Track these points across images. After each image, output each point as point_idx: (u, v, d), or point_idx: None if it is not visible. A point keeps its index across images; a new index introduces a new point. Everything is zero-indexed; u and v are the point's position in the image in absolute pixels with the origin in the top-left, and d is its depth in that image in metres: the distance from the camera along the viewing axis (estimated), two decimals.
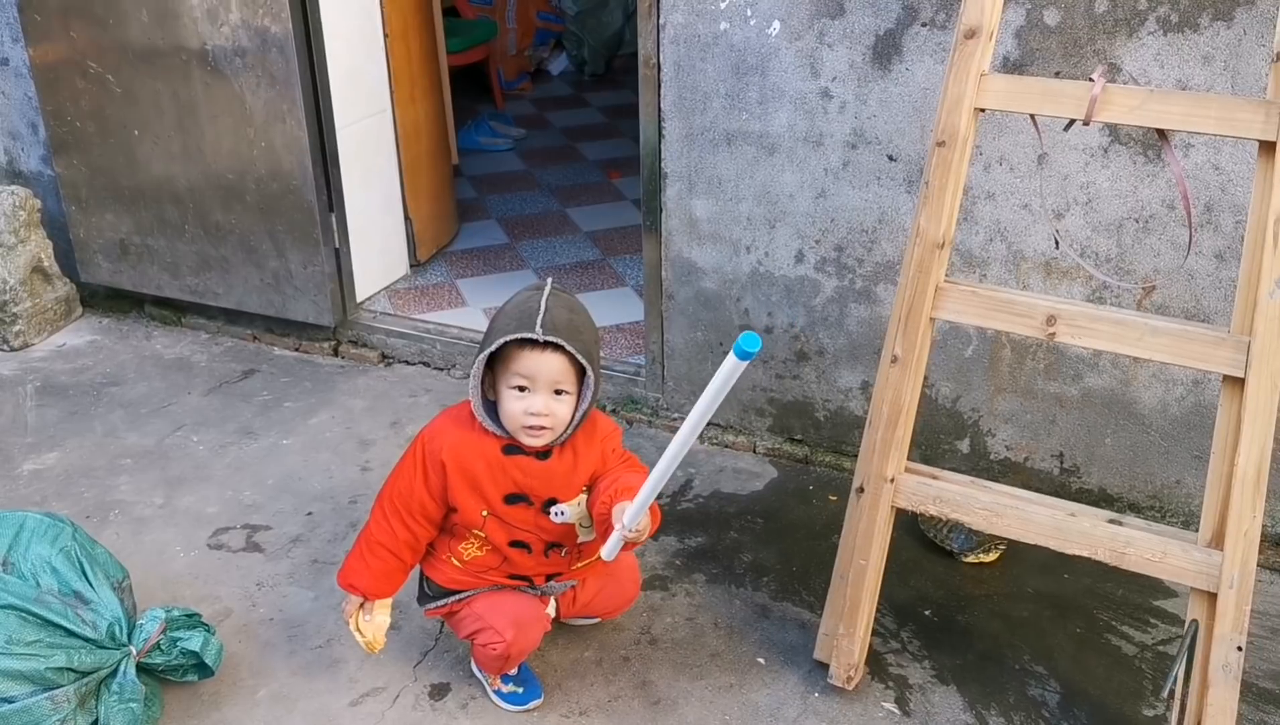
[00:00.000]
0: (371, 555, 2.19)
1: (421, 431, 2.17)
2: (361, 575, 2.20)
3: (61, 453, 3.19)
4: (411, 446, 2.17)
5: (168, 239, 3.71)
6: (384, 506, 2.18)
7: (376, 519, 2.19)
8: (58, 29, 3.53)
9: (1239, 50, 2.36)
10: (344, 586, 2.23)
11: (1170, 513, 2.79)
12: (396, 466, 2.19)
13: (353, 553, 2.22)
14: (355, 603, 2.23)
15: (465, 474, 2.10)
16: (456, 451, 2.10)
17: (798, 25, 2.72)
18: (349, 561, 2.22)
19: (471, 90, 5.90)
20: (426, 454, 2.12)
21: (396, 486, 2.16)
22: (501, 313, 2.05)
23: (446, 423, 2.16)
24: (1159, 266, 2.59)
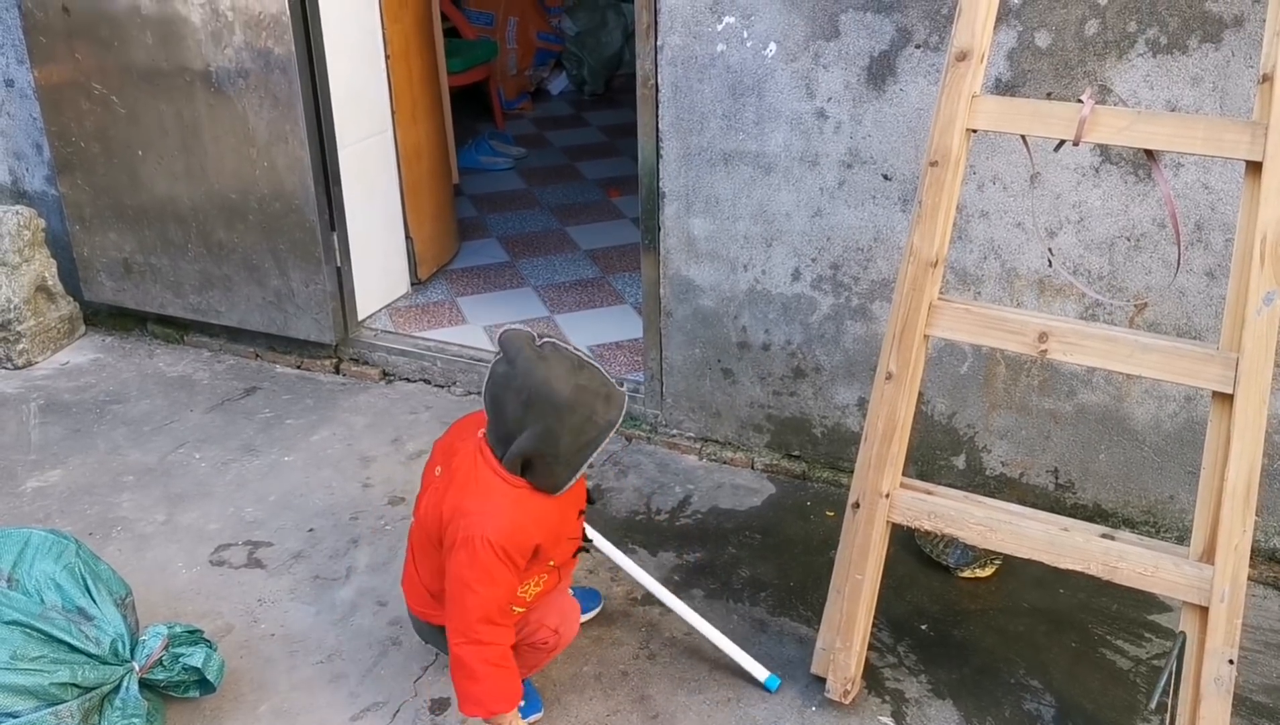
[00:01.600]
0: (505, 669, 2.10)
1: (479, 540, 2.01)
2: (513, 689, 2.12)
3: (65, 470, 3.22)
4: (478, 561, 2.02)
5: (171, 258, 3.74)
6: (487, 626, 2.05)
7: (486, 640, 2.06)
8: (63, 51, 3.57)
9: (1227, 71, 2.39)
10: (517, 702, 2.14)
11: (1164, 528, 2.81)
12: (469, 584, 2.03)
13: (498, 677, 2.08)
14: (511, 718, 2.15)
15: (548, 536, 2.12)
16: (541, 525, 2.08)
17: (793, 47, 2.76)
18: (504, 682, 2.09)
19: (472, 109, 5.95)
20: (512, 553, 2.04)
21: (490, 600, 2.04)
22: (572, 399, 1.99)
23: (504, 519, 2.04)
24: (1150, 284, 2.62)
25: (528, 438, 2.01)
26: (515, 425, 2.02)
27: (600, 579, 2.75)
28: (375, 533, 2.94)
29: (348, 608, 2.68)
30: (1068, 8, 2.47)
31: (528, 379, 1.99)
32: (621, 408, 2.04)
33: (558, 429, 1.99)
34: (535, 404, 1.98)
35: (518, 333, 2.05)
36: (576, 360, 2.03)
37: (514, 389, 2.00)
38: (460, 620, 2.06)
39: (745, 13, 2.77)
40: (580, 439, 2.01)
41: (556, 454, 2.02)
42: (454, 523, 2.05)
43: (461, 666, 2.07)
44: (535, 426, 2.00)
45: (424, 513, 2.16)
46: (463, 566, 2.03)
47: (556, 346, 2.04)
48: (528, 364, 1.99)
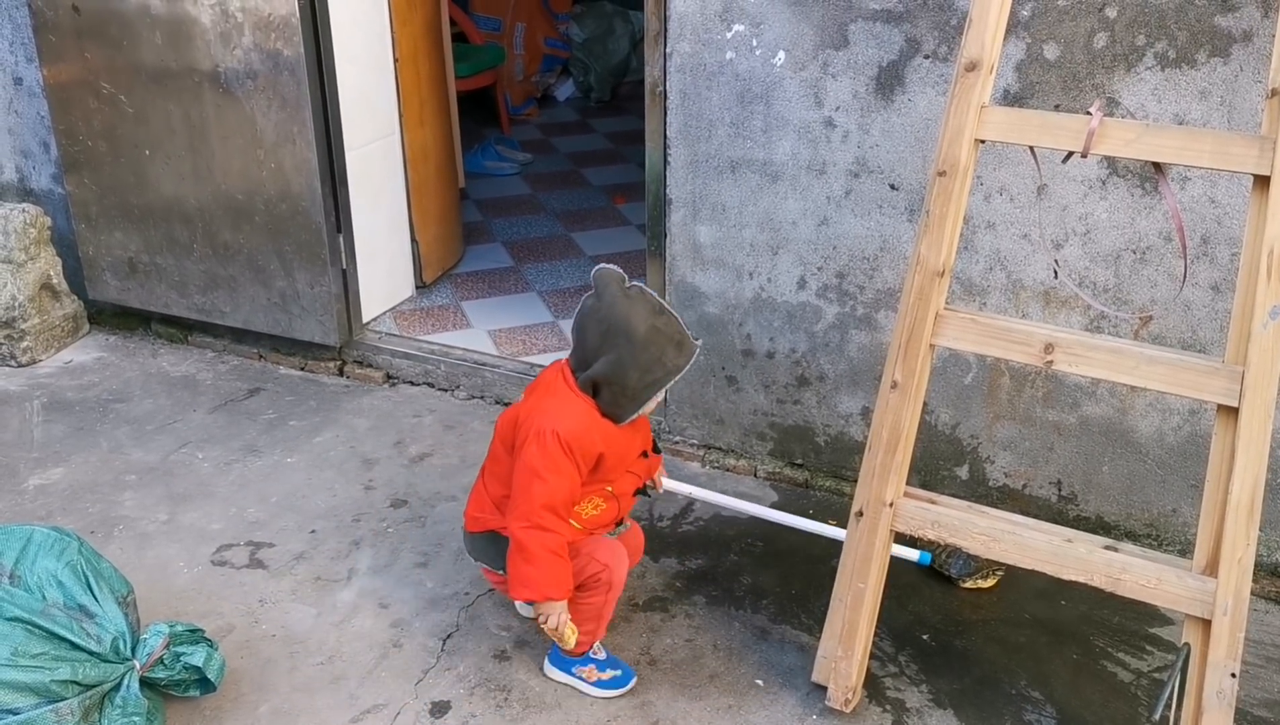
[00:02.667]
0: (562, 559, 2.23)
1: (550, 432, 2.20)
2: (566, 579, 2.25)
3: (67, 468, 3.22)
4: (547, 450, 2.20)
5: (176, 258, 3.75)
6: (550, 514, 2.21)
7: (548, 527, 2.21)
8: (72, 50, 3.58)
9: (1235, 86, 2.40)
10: (569, 593, 2.26)
11: (1167, 541, 2.81)
12: (536, 472, 2.20)
13: (554, 564, 2.22)
14: (560, 608, 2.26)
15: (611, 450, 2.29)
16: (606, 439, 2.26)
17: (802, 56, 2.76)
18: (560, 571, 2.23)
19: (479, 115, 5.96)
20: (576, 451, 2.22)
21: (556, 490, 2.21)
22: (647, 337, 2.18)
23: (574, 420, 2.22)
24: (1156, 297, 2.62)
25: (601, 365, 2.20)
26: (593, 353, 2.21)
27: None
28: (377, 535, 2.94)
29: (349, 609, 2.68)
30: (1077, 21, 2.48)
31: (610, 312, 2.18)
32: (691, 356, 2.22)
33: (628, 362, 2.18)
34: (612, 335, 2.18)
35: (610, 271, 2.22)
36: (658, 305, 2.21)
37: (597, 319, 2.20)
38: (526, 505, 2.21)
39: (754, 21, 2.78)
40: (647, 377, 2.19)
41: (624, 385, 2.20)
42: (528, 420, 2.25)
43: (521, 550, 2.22)
44: (609, 355, 2.18)
45: (503, 421, 2.35)
46: (532, 456, 2.20)
47: (643, 290, 2.22)
48: (613, 299, 2.19)
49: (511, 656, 2.54)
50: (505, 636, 2.60)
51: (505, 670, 2.50)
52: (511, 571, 2.26)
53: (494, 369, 3.57)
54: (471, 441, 3.35)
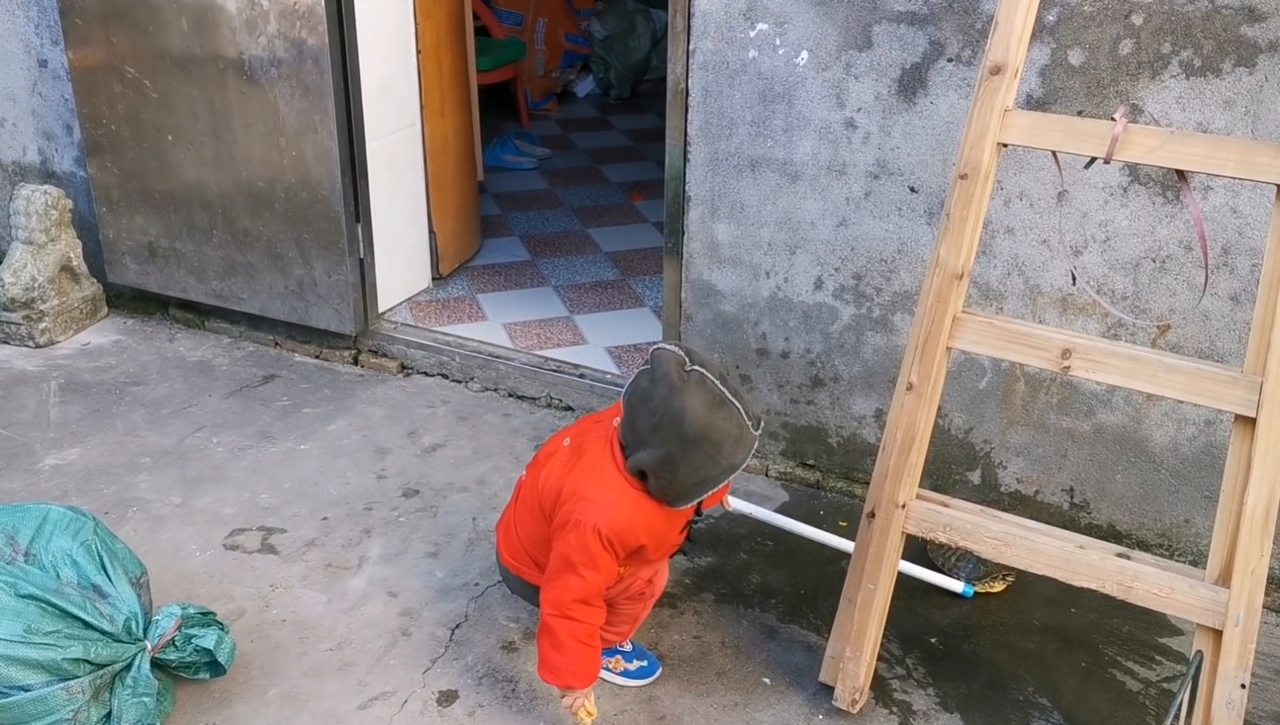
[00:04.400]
0: (590, 648, 2.19)
1: (591, 528, 2.10)
2: (593, 668, 2.23)
3: (83, 449, 3.24)
4: (587, 547, 2.10)
5: (195, 243, 3.77)
6: (583, 607, 2.15)
7: (579, 619, 2.15)
8: (98, 33, 3.60)
9: (1260, 96, 2.39)
10: (593, 682, 2.23)
11: (1179, 551, 2.80)
12: (574, 566, 2.12)
13: (582, 654, 2.18)
14: (584, 694, 2.24)
15: (653, 539, 2.19)
16: (650, 530, 2.16)
17: (825, 56, 2.76)
18: (587, 661, 2.19)
19: (499, 109, 5.97)
20: (617, 544, 2.12)
21: (593, 585, 2.14)
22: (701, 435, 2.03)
23: (617, 514, 2.11)
24: (1174, 306, 2.62)
25: (649, 455, 2.06)
26: (642, 440, 2.08)
27: None
28: (388, 524, 2.95)
29: (359, 597, 2.69)
30: (1102, 27, 2.47)
31: (665, 403, 2.02)
32: (750, 450, 2.08)
33: (679, 459, 2.04)
34: (664, 428, 2.03)
35: (669, 354, 2.06)
36: (718, 397, 2.04)
37: (650, 409, 2.05)
38: (559, 594, 2.14)
39: (778, 20, 2.78)
40: (699, 474, 2.06)
41: (673, 481, 2.08)
42: (570, 504, 2.13)
43: (551, 635, 2.17)
44: (659, 449, 2.05)
45: (544, 483, 2.21)
46: (570, 548, 2.11)
47: (704, 378, 2.04)
48: (668, 388, 2.02)
49: (520, 648, 2.55)
50: (514, 628, 2.60)
51: (513, 661, 2.51)
52: (541, 653, 2.22)
53: (508, 362, 3.58)
54: (484, 433, 3.36)
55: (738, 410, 2.05)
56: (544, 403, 3.51)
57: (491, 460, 3.23)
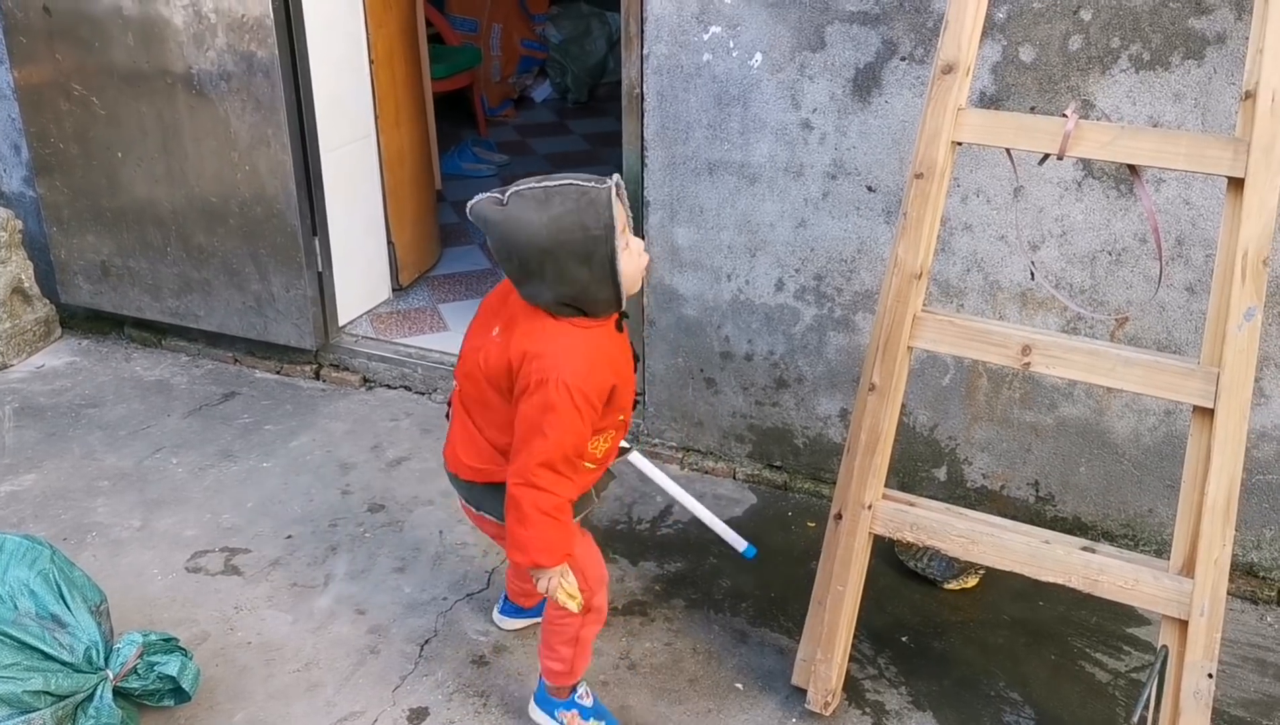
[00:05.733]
0: (556, 521, 2.01)
1: (556, 383, 1.93)
2: (569, 539, 2.05)
3: (39, 474, 3.18)
4: (552, 403, 1.94)
5: (149, 261, 3.71)
6: (548, 472, 1.97)
7: (543, 486, 1.98)
8: (43, 51, 3.54)
9: (1209, 88, 2.41)
10: (563, 560, 2.05)
11: (1143, 541, 2.83)
12: (539, 427, 1.95)
13: (547, 527, 2.00)
14: (555, 573, 2.06)
15: (621, 377, 2.05)
16: (612, 366, 2.02)
17: (779, 58, 2.76)
18: (553, 535, 2.01)
19: (455, 116, 5.94)
20: (591, 395, 1.97)
21: (559, 445, 1.96)
22: (555, 237, 1.89)
23: (579, 360, 1.97)
24: (1131, 298, 2.64)
25: (546, 288, 1.95)
26: (530, 283, 1.96)
27: None
28: (354, 540, 2.92)
29: (325, 615, 2.66)
30: (1051, 23, 2.49)
31: (508, 241, 1.91)
32: (608, 202, 1.91)
33: (562, 268, 1.91)
34: (527, 260, 1.92)
35: (480, 203, 1.94)
36: (540, 194, 1.91)
37: (504, 255, 1.94)
38: (523, 461, 1.98)
39: (731, 23, 2.77)
40: (591, 258, 1.91)
41: (583, 285, 1.94)
42: (526, 367, 1.98)
43: (516, 508, 2.01)
44: (542, 276, 1.93)
45: (490, 363, 2.05)
46: (535, 409, 1.96)
47: (519, 193, 1.91)
48: (500, 227, 1.91)
49: (490, 662, 2.53)
50: (483, 642, 2.58)
51: (484, 676, 2.49)
52: (508, 531, 2.05)
53: None
54: None
55: (567, 183, 1.92)
56: None
57: None
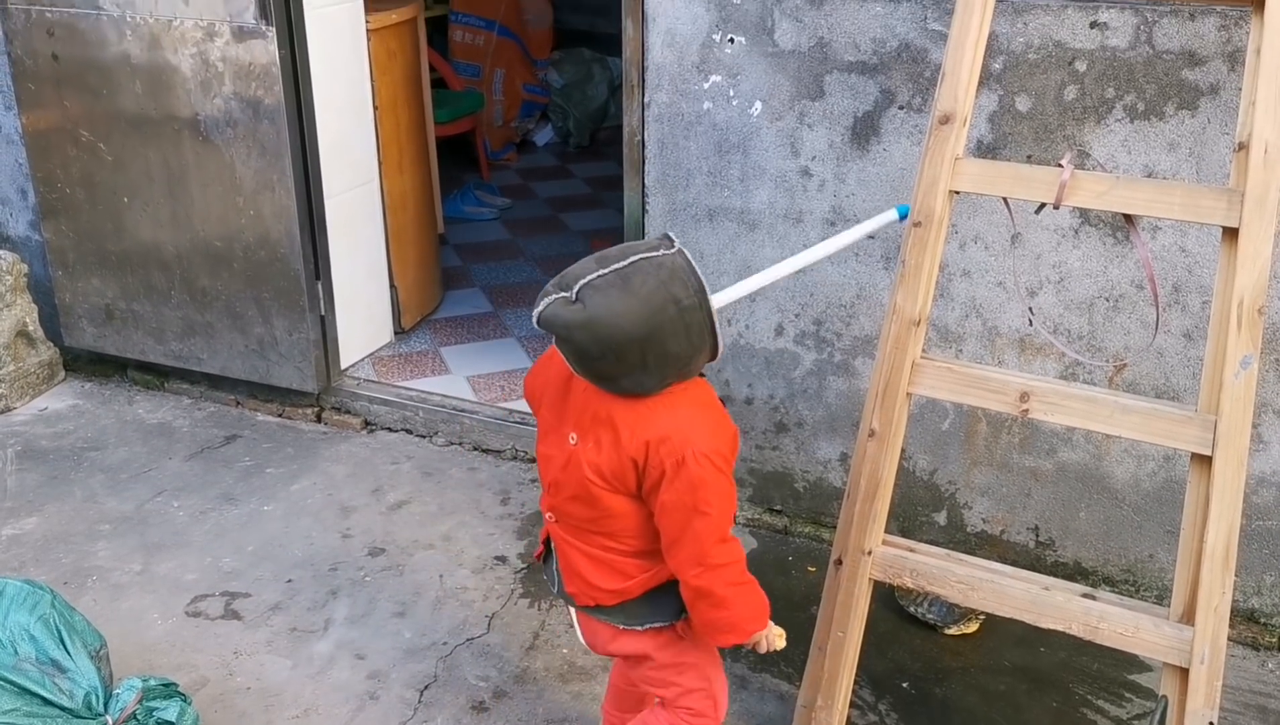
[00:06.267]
0: (747, 586, 1.91)
1: (693, 456, 1.79)
2: (760, 604, 1.93)
3: (40, 518, 3.18)
4: (697, 479, 1.80)
5: (153, 304, 3.74)
6: (721, 546, 1.86)
7: (724, 561, 1.86)
8: (51, 97, 3.59)
9: (1203, 138, 2.44)
10: (766, 623, 1.95)
11: (1144, 587, 2.82)
12: (694, 508, 1.81)
13: (744, 596, 1.89)
14: (766, 632, 1.97)
15: (730, 420, 1.94)
16: (725, 414, 1.92)
17: (779, 106, 2.80)
18: (751, 599, 1.90)
19: (458, 160, 5.99)
20: (723, 456, 1.85)
21: (723, 515, 1.85)
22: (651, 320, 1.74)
23: (702, 426, 1.84)
24: (1129, 344, 2.65)
25: (648, 376, 1.78)
26: (629, 376, 1.77)
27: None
28: (354, 584, 2.92)
29: (325, 661, 2.65)
30: (1047, 73, 2.52)
31: (600, 339, 1.73)
32: (688, 265, 1.78)
33: (664, 349, 1.75)
34: (625, 353, 1.74)
35: (549, 310, 1.75)
36: (615, 279, 1.73)
37: (594, 355, 1.75)
38: (693, 549, 1.83)
39: (731, 72, 2.81)
40: (690, 329, 1.77)
41: (686, 359, 1.79)
42: (653, 456, 1.80)
43: (707, 597, 1.87)
44: (644, 365, 1.76)
45: (603, 470, 1.85)
46: (683, 492, 1.80)
47: (590, 286, 1.73)
48: (586, 329, 1.72)
49: (490, 708, 2.52)
50: (483, 687, 2.58)
51: (484, 721, 2.48)
52: (705, 624, 1.91)
53: (472, 415, 3.57)
54: (449, 489, 3.33)
55: (640, 260, 1.76)
56: (509, 455, 3.50)
57: (457, 516, 3.20)
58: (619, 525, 1.91)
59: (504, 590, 2.89)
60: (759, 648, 1.97)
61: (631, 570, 1.95)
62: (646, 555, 1.93)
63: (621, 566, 1.95)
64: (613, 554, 1.94)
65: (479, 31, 6.27)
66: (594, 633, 2.06)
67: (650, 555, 1.93)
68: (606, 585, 1.96)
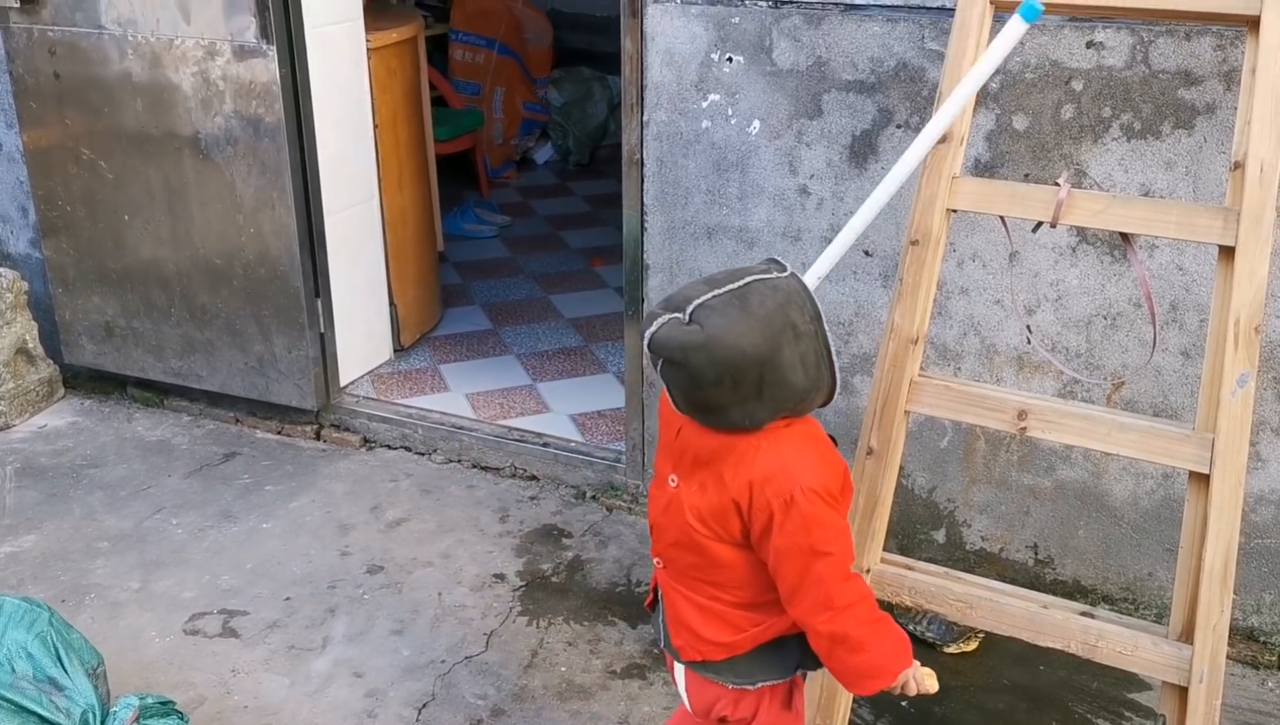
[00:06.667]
0: (882, 623, 1.77)
1: (803, 493, 1.68)
2: (900, 640, 1.78)
3: (39, 535, 3.18)
4: (810, 517, 1.68)
5: (153, 322, 3.74)
6: (846, 585, 1.73)
7: (852, 601, 1.73)
8: (52, 116, 3.60)
9: (1200, 157, 2.45)
10: (910, 661, 1.77)
11: (1144, 605, 2.82)
12: (812, 550, 1.70)
13: (880, 633, 1.75)
14: (911, 671, 1.78)
15: (839, 455, 1.82)
16: (832, 447, 1.80)
17: (777, 125, 2.81)
18: (889, 635, 1.76)
19: (458, 178, 6.00)
20: (832, 493, 1.73)
21: (844, 553, 1.73)
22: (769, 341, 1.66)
23: (809, 459, 1.73)
24: (1127, 362, 2.66)
25: (761, 407, 1.68)
26: (741, 406, 1.68)
27: (580, 651, 2.73)
28: (353, 602, 2.91)
29: (323, 679, 2.64)
30: (1044, 93, 2.53)
31: (720, 362, 1.64)
32: (804, 288, 1.72)
33: (782, 375, 1.67)
34: (742, 378, 1.65)
35: (663, 332, 1.66)
36: (731, 299, 1.66)
37: (709, 381, 1.65)
38: (817, 594, 1.71)
39: (730, 91, 2.82)
40: (805, 358, 1.68)
41: (802, 391, 1.70)
42: (758, 497, 1.71)
43: (842, 642, 1.73)
44: (759, 394, 1.67)
45: (706, 515, 1.77)
46: (797, 533, 1.69)
47: (705, 306, 1.66)
48: (705, 351, 1.64)
49: None
50: (481, 705, 2.57)
51: None
52: (843, 673, 1.78)
53: (472, 433, 3.57)
54: (448, 506, 3.33)
55: (753, 280, 1.68)
56: (508, 473, 3.50)
57: (456, 533, 3.20)
58: (725, 576, 1.80)
59: (502, 608, 2.89)
60: (908, 690, 1.77)
61: (741, 623, 1.83)
62: (756, 608, 1.82)
63: (731, 618, 1.83)
64: (722, 605, 1.83)
65: (479, 50, 6.30)
66: (701, 693, 1.92)
67: (760, 608, 1.82)
68: (715, 638, 1.84)
